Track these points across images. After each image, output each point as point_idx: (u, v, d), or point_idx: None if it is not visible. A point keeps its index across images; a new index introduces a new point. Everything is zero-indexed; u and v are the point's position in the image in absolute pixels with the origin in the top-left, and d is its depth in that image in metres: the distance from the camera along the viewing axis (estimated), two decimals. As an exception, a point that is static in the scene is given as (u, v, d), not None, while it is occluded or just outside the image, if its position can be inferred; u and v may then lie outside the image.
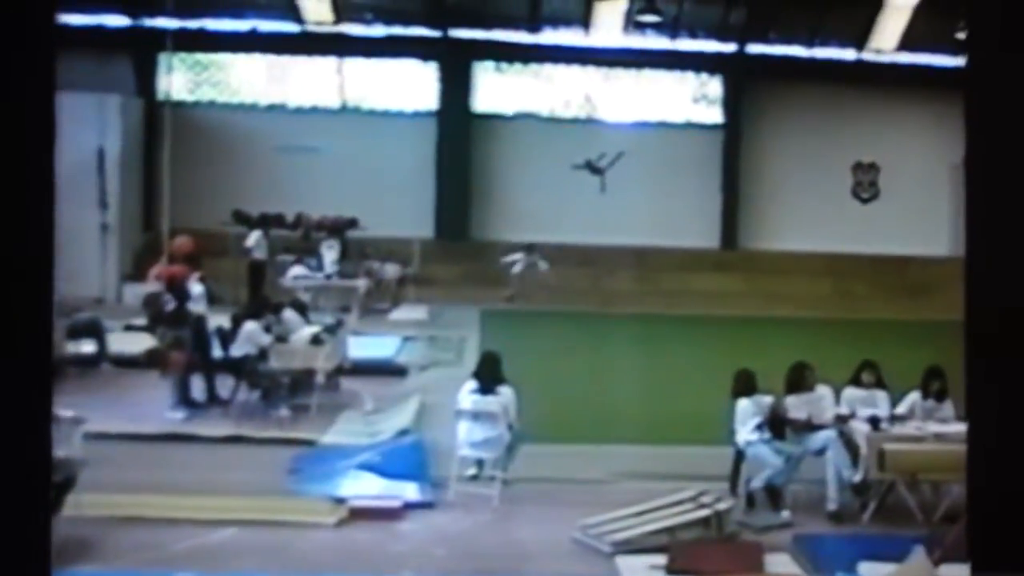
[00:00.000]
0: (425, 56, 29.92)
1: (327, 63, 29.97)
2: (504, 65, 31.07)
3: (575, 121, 30.89)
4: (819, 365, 12.02)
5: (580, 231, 28.87)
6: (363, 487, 10.92)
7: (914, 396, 11.66)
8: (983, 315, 2.90)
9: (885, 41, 30.95)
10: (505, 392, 11.17)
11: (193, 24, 27.13)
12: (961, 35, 30.62)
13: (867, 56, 31.13)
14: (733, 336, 21.66)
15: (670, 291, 27.07)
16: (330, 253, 23.83)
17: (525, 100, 30.94)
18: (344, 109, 30.07)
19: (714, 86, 31.47)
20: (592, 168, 29.76)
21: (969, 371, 2.96)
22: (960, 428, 11.21)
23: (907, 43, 30.92)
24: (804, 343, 17.69)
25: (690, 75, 31.49)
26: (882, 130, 31.48)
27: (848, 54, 31.10)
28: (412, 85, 30.24)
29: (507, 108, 30.67)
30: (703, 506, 9.97)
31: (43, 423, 2.70)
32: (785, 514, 10.49)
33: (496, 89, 30.80)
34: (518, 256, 25.95)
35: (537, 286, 25.47)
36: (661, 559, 9.04)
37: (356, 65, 30.11)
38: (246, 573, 8.95)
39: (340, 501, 10.45)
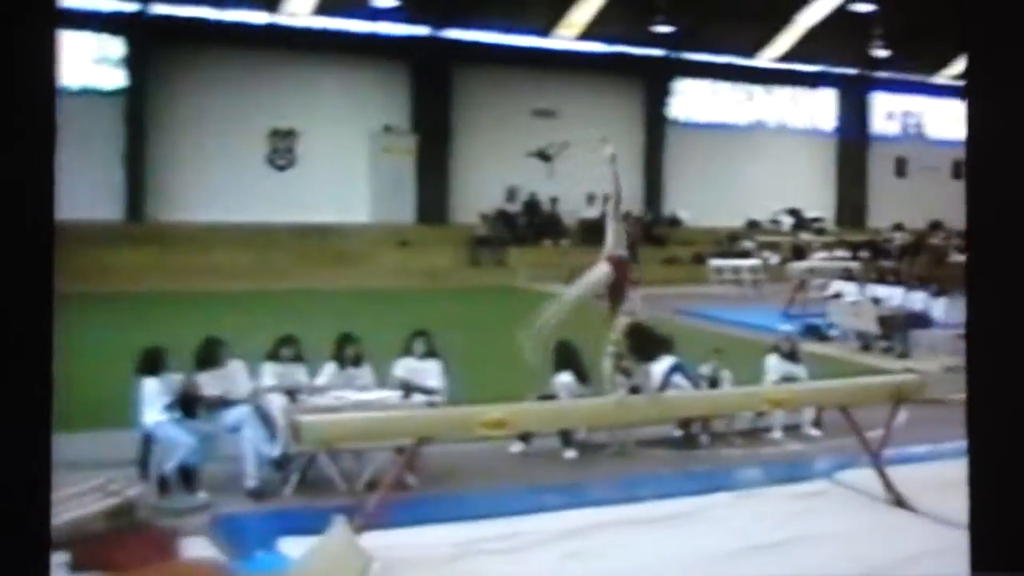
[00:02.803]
0: None
1: None
2: None
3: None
4: (238, 339, 12.02)
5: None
6: None
7: (331, 365, 11.96)
8: (984, 316, 2.92)
9: (298, 5, 31.53)
10: None
11: None
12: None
13: (280, 20, 31.52)
14: (143, 313, 21.26)
15: (76, 268, 26.08)
16: None
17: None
18: None
19: (116, 47, 30.53)
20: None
21: (970, 371, 2.97)
22: (380, 394, 11.67)
23: (323, 7, 31.71)
24: (219, 317, 17.67)
25: (88, 35, 30.25)
26: (299, 96, 32.05)
27: (260, 17, 31.30)
28: None
29: None
30: (111, 494, 9.63)
31: (43, 422, 2.77)
32: (202, 496, 10.37)
33: None
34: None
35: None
36: (64, 556, 8.64)
37: None
38: None
39: None
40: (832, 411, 11.63)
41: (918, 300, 20.90)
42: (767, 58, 39.46)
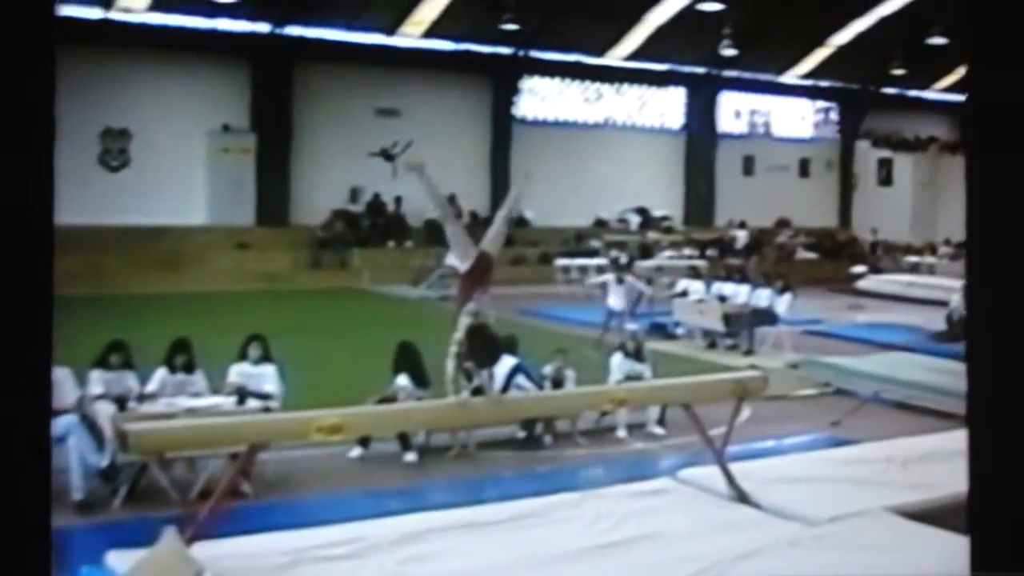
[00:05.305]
0: None
1: None
2: None
3: None
4: (63, 346, 11.71)
5: None
6: None
7: (162, 371, 11.79)
8: (983, 313, 2.90)
9: (133, 1, 30.89)
10: None
11: None
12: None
13: (115, 15, 30.84)
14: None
15: None
16: None
17: None
18: None
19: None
20: None
21: (970, 370, 2.94)
22: (214, 400, 11.52)
23: (159, 3, 31.11)
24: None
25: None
26: (134, 95, 31.45)
27: (94, 12, 30.53)
28: None
29: None
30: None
31: (42, 423, 2.76)
32: (24, 511, 10.12)
33: None
34: None
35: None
36: None
37: None
38: None
39: None
40: (677, 409, 11.80)
41: (763, 297, 21.34)
42: (616, 57, 39.84)
